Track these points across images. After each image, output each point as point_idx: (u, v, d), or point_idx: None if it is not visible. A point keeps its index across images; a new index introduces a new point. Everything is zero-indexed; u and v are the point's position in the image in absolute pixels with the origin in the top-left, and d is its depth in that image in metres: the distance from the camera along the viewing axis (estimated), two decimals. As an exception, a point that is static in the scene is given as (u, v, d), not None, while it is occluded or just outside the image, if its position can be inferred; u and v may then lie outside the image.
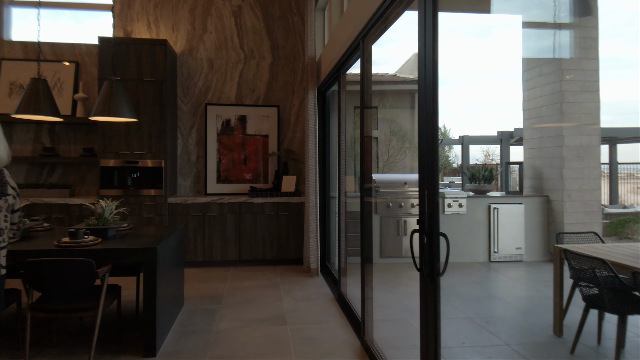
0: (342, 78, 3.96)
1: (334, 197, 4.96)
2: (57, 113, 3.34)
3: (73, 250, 2.74)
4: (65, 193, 4.93)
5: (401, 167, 7.21)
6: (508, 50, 5.78)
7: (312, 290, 4.20)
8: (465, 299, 3.76)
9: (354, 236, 4.55)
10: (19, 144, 5.17)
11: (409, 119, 7.39)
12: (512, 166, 5.06)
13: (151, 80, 4.82)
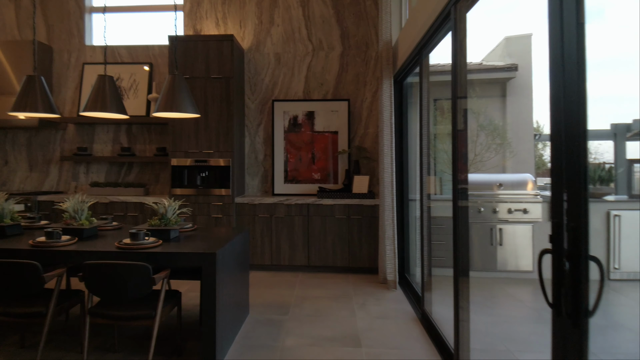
0: (424, 61, 3.45)
1: (413, 200, 4.44)
2: (123, 110, 3.25)
3: (132, 252, 2.57)
4: (140, 192, 4.97)
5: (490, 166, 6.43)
6: (623, 32, 4.85)
7: (389, 305, 3.74)
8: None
9: (437, 245, 4.00)
10: (100, 144, 5.34)
11: (499, 111, 6.57)
12: (636, 165, 4.15)
13: (218, 77, 4.68)
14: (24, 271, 2.40)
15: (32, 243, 2.67)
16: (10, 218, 3.08)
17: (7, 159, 5.42)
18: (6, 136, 5.42)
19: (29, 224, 3.32)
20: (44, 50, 5.24)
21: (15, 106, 3.11)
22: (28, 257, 2.60)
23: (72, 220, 3.00)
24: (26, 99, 3.12)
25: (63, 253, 2.60)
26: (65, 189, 5.37)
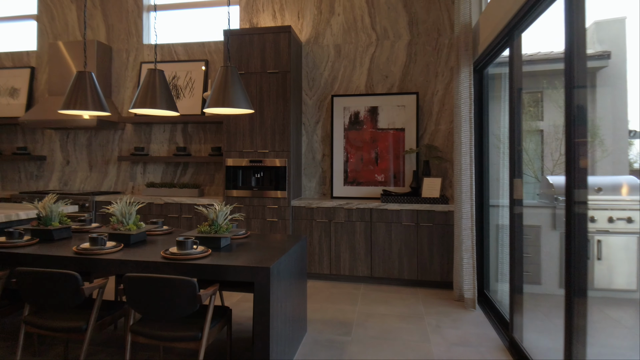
0: (516, 42, 2.88)
1: (495, 206, 3.84)
2: (173, 107, 3.01)
3: (178, 263, 2.28)
4: (194, 193, 4.79)
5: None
6: None
7: (469, 329, 3.19)
8: None
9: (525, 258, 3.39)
10: (156, 144, 5.24)
11: (589, 104, 5.68)
12: None
13: (274, 72, 4.36)
14: (62, 282, 2.17)
15: (76, 250, 2.46)
16: (59, 221, 2.93)
17: (69, 159, 5.48)
18: (68, 137, 5.48)
19: (79, 227, 3.16)
20: (103, 50, 5.22)
21: (65, 104, 2.97)
22: (70, 265, 2.39)
23: (120, 225, 2.78)
24: (76, 96, 2.96)
25: (106, 262, 2.37)
26: (123, 189, 5.32)
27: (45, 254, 2.43)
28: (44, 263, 2.42)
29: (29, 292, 2.23)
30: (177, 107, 3.07)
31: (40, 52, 5.59)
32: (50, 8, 5.54)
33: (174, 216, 4.60)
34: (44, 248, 2.57)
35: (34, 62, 5.62)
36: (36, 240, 2.71)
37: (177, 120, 4.93)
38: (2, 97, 5.57)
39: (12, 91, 5.56)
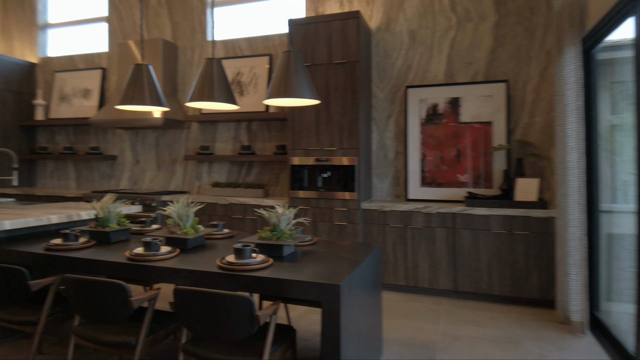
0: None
1: (607, 212, 3.17)
2: (231, 99, 2.74)
3: (234, 275, 1.99)
4: (259, 193, 4.56)
5: None
6: None
7: (584, 363, 2.60)
8: None
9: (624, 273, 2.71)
10: (221, 143, 5.10)
11: None
12: None
13: (342, 62, 3.99)
14: (109, 293, 1.95)
15: (129, 255, 2.25)
16: (117, 222, 2.77)
17: (138, 158, 5.52)
18: (137, 136, 5.52)
19: (139, 229, 3.00)
20: (169, 48, 5.18)
21: (122, 99, 2.81)
22: (122, 271, 2.19)
23: (177, 228, 2.56)
24: (133, 90, 2.80)
25: (159, 270, 2.12)
26: (190, 188, 5.25)
27: (97, 259, 2.26)
28: (96, 269, 2.25)
29: (76, 301, 2.04)
30: (235, 100, 2.80)
31: (111, 53, 5.69)
32: (119, 9, 5.62)
33: (238, 217, 4.40)
34: (99, 252, 2.40)
35: (105, 63, 5.74)
36: (93, 243, 2.55)
37: (241, 118, 4.74)
38: (76, 98, 5.75)
39: (85, 92, 5.72)
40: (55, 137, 6.02)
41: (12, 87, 5.81)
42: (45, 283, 2.23)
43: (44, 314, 2.18)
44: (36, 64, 6.15)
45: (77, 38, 6.14)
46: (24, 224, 2.68)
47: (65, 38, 6.22)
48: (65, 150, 5.66)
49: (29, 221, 2.71)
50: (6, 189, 5.60)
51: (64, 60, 5.99)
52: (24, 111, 5.95)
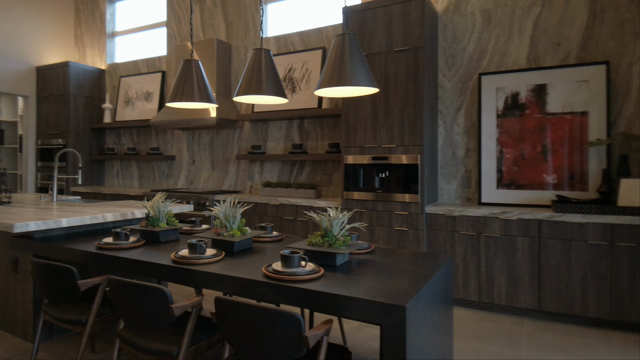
0: None
1: None
2: (281, 92, 2.48)
3: (280, 286, 1.71)
4: (311, 194, 4.26)
5: None
6: None
7: None
8: None
9: None
10: (272, 142, 4.88)
11: None
12: None
13: (403, 49, 3.57)
14: (150, 298, 1.80)
15: (174, 257, 2.08)
16: (167, 222, 2.62)
17: (194, 158, 5.48)
18: (193, 136, 5.48)
19: (189, 229, 2.84)
20: (223, 48, 5.07)
21: (171, 96, 2.72)
22: (165, 274, 2.02)
23: (223, 230, 2.34)
24: (182, 86, 2.70)
25: (202, 275, 1.91)
26: (242, 188, 5.09)
27: (143, 260, 2.11)
28: (142, 270, 2.11)
29: (119, 304, 1.92)
30: (285, 93, 2.53)
31: (169, 56, 5.73)
32: (177, 13, 5.64)
33: (289, 219, 4.13)
34: (146, 252, 2.27)
35: (165, 66, 5.79)
36: (142, 243, 2.43)
37: (293, 116, 4.47)
38: (139, 101, 5.87)
39: (147, 95, 5.81)
40: (121, 139, 6.21)
41: (84, 93, 6.08)
42: (93, 283, 2.19)
43: (92, 314, 2.12)
44: (104, 70, 6.39)
45: (140, 43, 6.30)
46: (80, 222, 2.72)
47: (130, 44, 6.41)
48: (129, 151, 5.80)
49: (85, 219, 2.75)
50: (77, 187, 5.84)
51: (128, 65, 6.16)
52: (94, 114, 6.21)
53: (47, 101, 6.15)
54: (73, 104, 5.93)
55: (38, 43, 6.31)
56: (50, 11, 6.46)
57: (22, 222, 2.40)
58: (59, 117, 6.00)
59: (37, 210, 3.04)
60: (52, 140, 6.05)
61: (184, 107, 2.91)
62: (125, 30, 6.37)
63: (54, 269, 2.14)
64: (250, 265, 1.98)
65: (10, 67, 6.00)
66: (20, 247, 2.62)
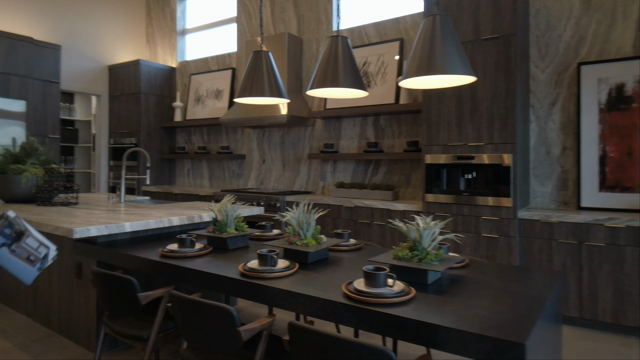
0: None
1: None
2: (359, 84, 2.30)
3: (363, 310, 1.50)
4: (388, 196, 4.08)
5: None
6: None
7: None
8: None
9: None
10: (346, 140, 4.74)
11: None
12: None
13: (492, 37, 3.27)
14: (214, 318, 1.63)
15: (242, 270, 1.90)
16: (236, 227, 2.48)
17: (265, 157, 5.47)
18: (264, 135, 5.47)
19: (259, 235, 2.70)
20: (294, 42, 4.98)
21: (240, 91, 2.58)
22: (233, 289, 1.85)
23: (296, 238, 2.18)
24: (252, 80, 2.54)
25: (273, 291, 1.73)
26: (314, 189, 5.01)
27: (208, 272, 1.94)
28: (208, 283, 1.94)
29: (181, 322, 1.77)
30: (364, 85, 2.35)
31: (240, 52, 5.75)
32: (247, 8, 5.63)
33: (364, 222, 3.98)
34: (212, 262, 2.11)
35: (235, 62, 5.82)
36: (209, 250, 2.28)
37: (367, 112, 4.30)
38: (209, 99, 5.95)
39: (217, 93, 5.88)
40: (191, 137, 6.34)
41: (155, 91, 6.21)
42: (155, 296, 2.02)
43: (154, 331, 1.96)
44: (175, 67, 6.55)
45: (210, 40, 6.38)
46: (144, 226, 2.57)
47: (200, 41, 6.52)
48: (199, 150, 5.88)
49: (149, 223, 2.61)
50: (148, 186, 6.01)
51: (198, 63, 6.26)
52: (165, 113, 6.35)
53: (119, 100, 6.27)
54: (144, 102, 6.00)
55: (111, 42, 6.47)
56: (123, 10, 6.64)
57: (82, 227, 2.24)
58: (131, 116, 6.10)
59: (102, 212, 2.92)
60: (124, 139, 6.17)
61: (254, 102, 2.80)
62: (196, 27, 6.47)
63: (113, 279, 1.99)
64: (327, 281, 1.78)
65: (84, 67, 6.15)
66: (83, 252, 2.47)
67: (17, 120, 5.00)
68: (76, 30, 6.06)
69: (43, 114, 5.34)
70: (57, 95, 5.51)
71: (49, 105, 5.41)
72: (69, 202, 3.35)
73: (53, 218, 2.56)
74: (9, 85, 4.97)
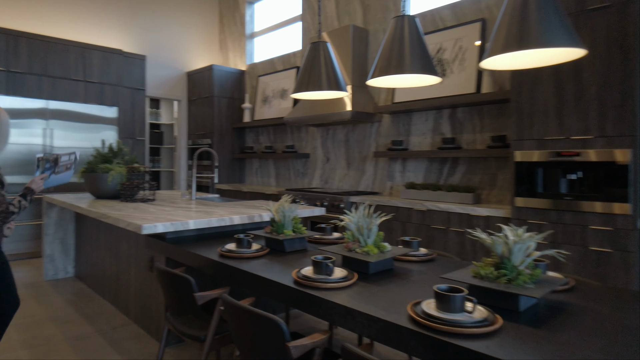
0: None
1: None
2: (430, 69, 2.02)
3: (435, 340, 1.16)
4: (467, 198, 3.56)
5: None
6: None
7: None
8: None
9: None
10: (417, 136, 4.28)
11: None
12: None
13: (603, 6, 2.64)
14: (263, 330, 1.44)
15: (296, 277, 1.67)
16: (293, 229, 2.28)
17: (329, 156, 5.18)
18: (327, 133, 5.18)
19: (319, 238, 2.43)
20: (359, 34, 4.63)
21: (297, 85, 2.38)
22: (286, 297, 1.65)
23: (355, 244, 1.88)
24: (309, 74, 2.37)
25: (328, 305, 1.47)
26: (381, 189, 4.60)
27: (262, 276, 1.77)
28: (261, 287, 1.77)
29: (232, 329, 1.63)
30: (436, 70, 1.95)
31: (304, 50, 5.52)
32: (312, 4, 5.39)
33: (439, 228, 3.50)
34: (268, 265, 1.95)
35: (299, 61, 5.62)
36: (266, 251, 2.14)
37: (443, 104, 3.81)
38: (275, 99, 5.82)
39: (282, 93, 5.72)
40: (259, 137, 6.29)
41: (227, 94, 6.32)
42: (212, 297, 1.95)
43: (210, 332, 1.88)
44: (244, 70, 6.55)
45: (276, 41, 6.28)
46: (207, 224, 2.60)
47: (267, 43, 6.45)
48: (266, 150, 5.81)
49: (212, 221, 2.63)
50: (221, 184, 6.09)
51: (265, 64, 6.18)
52: (235, 114, 6.41)
53: (196, 104, 6.55)
54: (217, 105, 6.19)
55: (188, 50, 6.76)
56: (199, 19, 6.87)
57: (150, 224, 2.33)
58: (206, 118, 6.32)
59: (172, 209, 3.03)
60: (200, 140, 6.41)
61: (311, 97, 2.55)
62: (263, 29, 6.42)
63: (173, 277, 1.97)
64: (390, 298, 1.47)
65: (166, 74, 6.52)
66: (153, 247, 2.58)
67: (110, 125, 5.45)
68: (158, 41, 6.42)
69: (132, 119, 5.84)
70: (143, 101, 5.98)
71: (136, 110, 5.89)
72: (147, 198, 3.53)
73: (129, 214, 2.70)
74: (103, 93, 5.49)
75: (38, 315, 3.11)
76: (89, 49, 5.35)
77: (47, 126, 4.94)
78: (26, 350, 2.54)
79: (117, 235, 3.30)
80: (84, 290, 3.73)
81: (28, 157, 4.81)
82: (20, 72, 4.86)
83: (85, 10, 5.74)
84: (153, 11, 6.36)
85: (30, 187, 2.12)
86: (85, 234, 3.93)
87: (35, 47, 4.96)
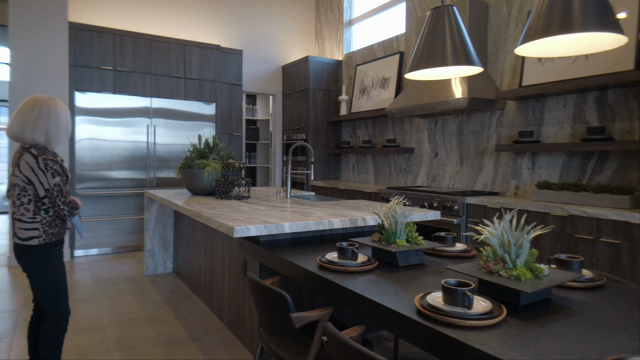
0: None
1: None
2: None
3: None
4: (622, 202, 2.80)
5: None
6: None
7: None
8: None
9: None
10: (551, 127, 3.53)
11: None
12: None
13: None
14: None
15: (419, 306, 1.25)
16: (407, 238, 1.85)
17: (437, 150, 4.60)
18: (436, 124, 4.60)
19: (440, 251, 1.97)
20: (477, 9, 3.98)
21: (412, 62, 1.94)
22: (406, 332, 1.23)
23: (499, 265, 1.39)
24: (428, 45, 1.90)
25: (468, 354, 1.04)
26: (503, 189, 3.92)
27: (373, 299, 1.37)
28: (372, 314, 1.38)
29: None
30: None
31: (409, 33, 4.99)
32: (421, -23, 4.84)
33: (585, 238, 2.78)
34: (378, 284, 1.55)
35: (403, 45, 5.10)
36: (374, 265, 1.75)
37: (587, 86, 3.05)
38: (374, 89, 5.38)
39: (383, 82, 5.26)
40: (356, 131, 5.92)
41: (322, 86, 6.05)
42: (310, 319, 1.61)
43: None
44: (341, 60, 6.22)
45: (377, 26, 5.83)
46: (303, 227, 2.33)
47: (366, 29, 6.03)
48: (364, 144, 5.41)
49: (309, 224, 2.35)
50: (316, 181, 5.85)
51: (364, 52, 5.78)
52: (331, 107, 6.13)
53: (290, 98, 6.40)
54: (312, 98, 5.96)
55: (284, 43, 6.63)
56: (295, 10, 6.71)
57: (242, 226, 2.11)
58: (300, 113, 6.14)
59: (266, 208, 2.83)
60: (295, 135, 6.25)
61: (430, 78, 2.07)
62: (362, 14, 6.01)
63: (266, 292, 1.66)
64: (561, 345, 0.99)
65: (262, 69, 6.46)
66: (246, 250, 2.35)
67: (209, 122, 5.56)
68: (254, 35, 6.38)
69: (229, 114, 5.87)
70: (239, 96, 5.98)
71: (233, 106, 5.91)
72: (241, 195, 3.42)
73: (222, 213, 2.55)
74: (202, 90, 5.57)
75: (135, 312, 3.11)
76: (188, 46, 5.45)
77: (150, 124, 5.12)
78: (120, 353, 2.48)
79: (212, 233, 3.18)
80: (181, 287, 3.71)
81: (134, 153, 5.04)
82: (126, 71, 5.08)
83: (184, 7, 5.88)
84: (250, 4, 6.33)
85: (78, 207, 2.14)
86: (183, 230, 3.92)
87: (140, 45, 5.15)
